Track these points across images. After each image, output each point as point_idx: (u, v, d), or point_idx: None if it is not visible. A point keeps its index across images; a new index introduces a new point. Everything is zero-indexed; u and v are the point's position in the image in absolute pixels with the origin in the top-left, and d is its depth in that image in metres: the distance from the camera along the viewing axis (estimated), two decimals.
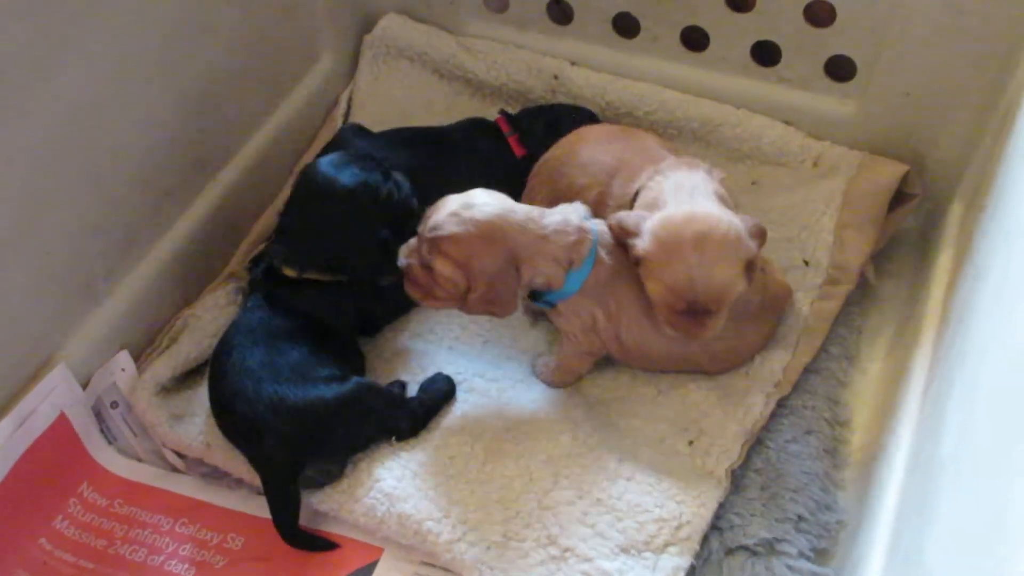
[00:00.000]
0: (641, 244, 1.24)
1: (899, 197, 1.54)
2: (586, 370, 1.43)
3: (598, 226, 1.31)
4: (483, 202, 1.27)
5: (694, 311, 1.24)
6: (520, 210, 1.28)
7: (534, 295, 1.33)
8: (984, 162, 1.42)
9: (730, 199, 1.33)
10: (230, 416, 1.31)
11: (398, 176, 1.45)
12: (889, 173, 1.53)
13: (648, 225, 1.25)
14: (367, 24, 1.86)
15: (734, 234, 1.23)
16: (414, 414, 1.35)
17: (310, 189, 1.40)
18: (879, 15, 1.46)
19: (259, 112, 1.68)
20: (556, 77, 1.74)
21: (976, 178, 1.44)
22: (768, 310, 1.41)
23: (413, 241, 1.31)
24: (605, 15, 1.69)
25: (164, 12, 1.40)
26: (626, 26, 1.69)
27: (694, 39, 1.65)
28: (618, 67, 1.71)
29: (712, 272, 1.22)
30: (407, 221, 1.41)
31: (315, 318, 1.39)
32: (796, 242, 1.53)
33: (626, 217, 1.29)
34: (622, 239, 1.28)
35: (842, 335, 1.47)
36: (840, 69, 1.57)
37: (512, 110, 1.73)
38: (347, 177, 1.38)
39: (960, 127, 1.50)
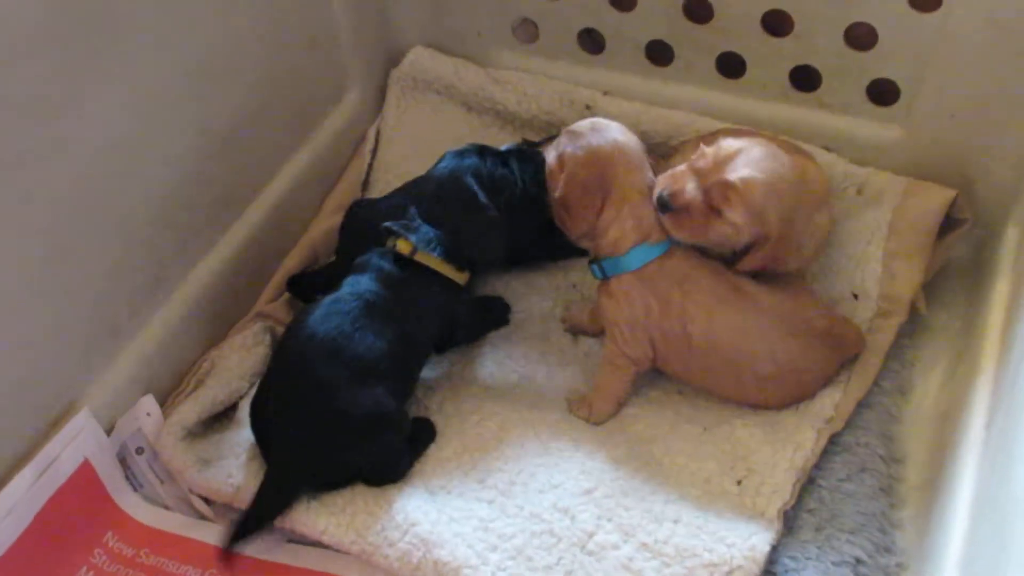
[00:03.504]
0: None
1: (948, 223, 1.49)
2: (623, 392, 1.38)
3: None
4: (610, 129, 1.36)
5: None
6: (640, 158, 1.36)
7: (595, 259, 1.37)
8: None
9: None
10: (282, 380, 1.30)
11: (520, 165, 1.43)
12: (937, 199, 1.47)
13: None
14: (394, 58, 1.83)
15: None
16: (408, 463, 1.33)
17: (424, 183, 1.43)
18: (922, 36, 1.41)
19: (285, 149, 1.65)
20: (589, 107, 1.70)
21: None
22: (834, 342, 1.35)
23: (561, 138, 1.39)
24: (638, 43, 1.65)
25: (189, 49, 1.37)
26: (660, 54, 1.65)
27: (730, 65, 1.60)
28: (652, 96, 1.66)
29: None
30: (527, 207, 1.42)
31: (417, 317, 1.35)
32: (843, 274, 1.48)
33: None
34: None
35: (894, 368, 1.42)
36: (883, 93, 1.52)
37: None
38: (450, 162, 1.41)
39: (1012, 148, 1.44)
